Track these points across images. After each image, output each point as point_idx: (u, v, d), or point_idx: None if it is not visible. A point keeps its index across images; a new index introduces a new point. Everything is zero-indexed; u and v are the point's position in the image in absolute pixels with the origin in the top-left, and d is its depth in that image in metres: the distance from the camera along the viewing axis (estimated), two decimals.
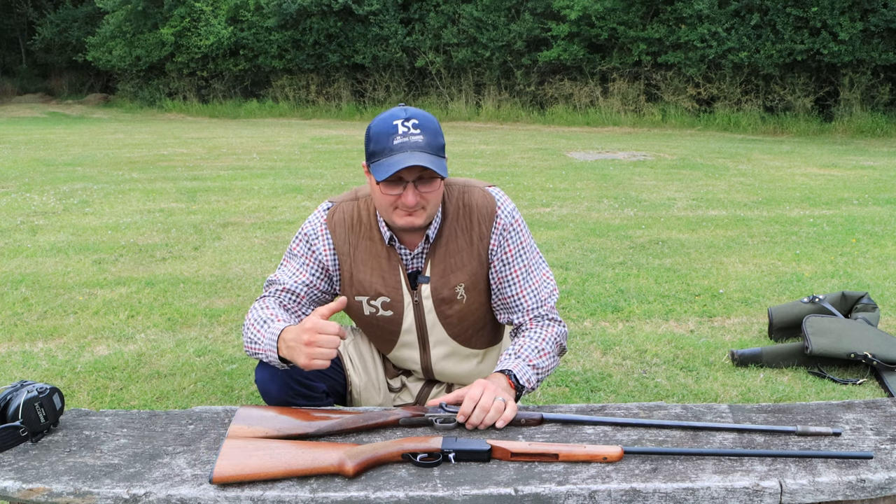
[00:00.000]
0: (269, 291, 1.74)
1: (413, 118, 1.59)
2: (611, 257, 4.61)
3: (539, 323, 1.74)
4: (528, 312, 1.74)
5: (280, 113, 16.76)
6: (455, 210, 1.73)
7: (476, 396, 1.48)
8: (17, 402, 1.43)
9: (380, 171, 1.56)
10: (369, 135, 1.62)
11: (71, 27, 20.60)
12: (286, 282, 1.74)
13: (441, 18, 15.19)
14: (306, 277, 1.74)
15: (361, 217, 1.75)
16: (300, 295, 1.74)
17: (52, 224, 5.66)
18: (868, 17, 11.75)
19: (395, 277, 1.73)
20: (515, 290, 1.74)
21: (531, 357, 1.65)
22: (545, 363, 1.67)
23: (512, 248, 1.74)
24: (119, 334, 3.38)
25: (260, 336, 1.60)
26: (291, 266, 1.76)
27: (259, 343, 1.60)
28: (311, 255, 1.75)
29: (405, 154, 1.55)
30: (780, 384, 2.83)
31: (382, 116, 1.62)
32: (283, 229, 5.46)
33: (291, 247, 1.78)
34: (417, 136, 1.58)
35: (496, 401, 1.48)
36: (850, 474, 1.27)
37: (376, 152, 1.59)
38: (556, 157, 9.40)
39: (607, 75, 14.23)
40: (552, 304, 1.76)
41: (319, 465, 1.31)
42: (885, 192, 6.82)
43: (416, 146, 1.57)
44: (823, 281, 4.09)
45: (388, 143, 1.57)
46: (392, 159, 1.56)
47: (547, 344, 1.69)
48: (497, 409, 1.47)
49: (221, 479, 1.27)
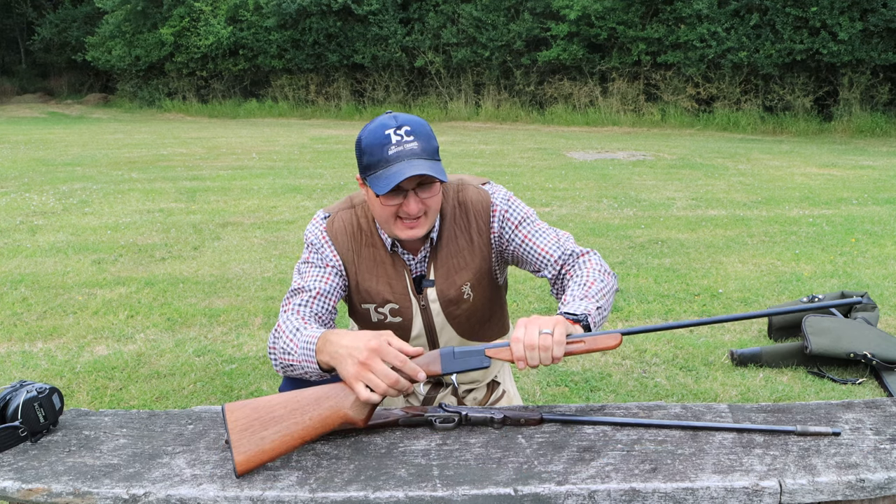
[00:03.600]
0: (301, 300, 1.63)
1: (404, 125, 1.56)
2: (610, 257, 4.61)
3: (574, 264, 1.67)
4: (557, 261, 1.68)
5: (279, 113, 16.76)
6: (452, 210, 1.73)
7: (520, 337, 1.36)
8: (16, 402, 1.43)
9: (379, 184, 1.53)
10: (361, 148, 1.58)
11: (70, 27, 20.61)
12: (316, 286, 1.65)
13: (440, 18, 15.19)
14: (332, 280, 1.69)
15: (361, 225, 1.73)
16: (333, 298, 1.67)
17: (51, 224, 5.65)
18: (867, 17, 11.76)
19: (401, 284, 1.72)
20: (534, 248, 1.70)
21: (580, 294, 1.53)
22: (598, 288, 1.56)
23: (515, 220, 1.72)
24: (118, 334, 3.38)
25: (293, 345, 1.48)
26: (313, 273, 1.70)
27: (292, 353, 1.48)
28: (325, 260, 1.72)
29: (402, 164, 1.53)
30: (779, 384, 2.83)
31: (371, 128, 1.58)
32: (283, 229, 5.46)
33: (305, 257, 1.73)
34: (412, 143, 1.55)
35: (541, 335, 1.35)
36: (850, 474, 1.27)
37: (372, 165, 1.56)
38: (555, 157, 9.40)
39: (607, 75, 14.23)
40: (572, 241, 1.72)
41: (331, 424, 1.34)
42: (884, 192, 6.82)
43: (413, 153, 1.54)
44: (823, 281, 4.09)
45: (383, 155, 1.54)
46: (390, 170, 1.53)
47: (593, 274, 1.60)
48: (544, 345, 1.35)
49: (246, 469, 1.29)
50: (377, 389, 1.31)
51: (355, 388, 1.32)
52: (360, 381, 1.32)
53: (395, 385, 1.33)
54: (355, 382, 1.32)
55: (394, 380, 1.32)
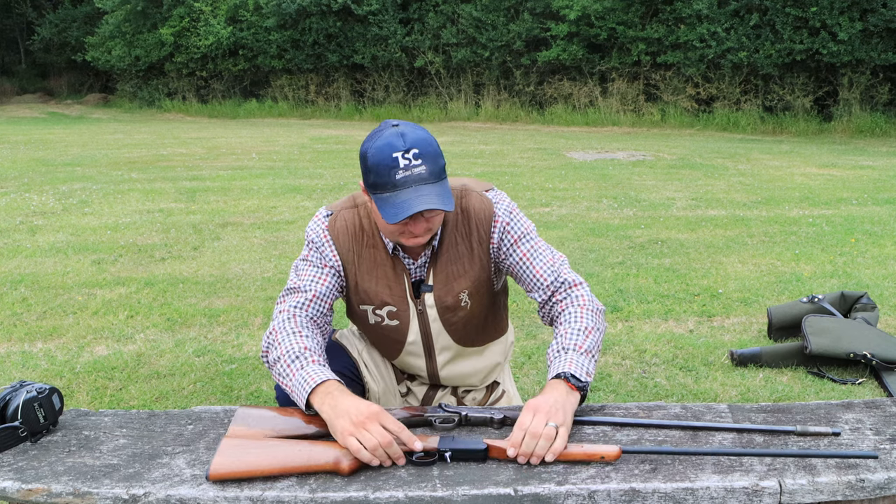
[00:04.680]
0: (297, 302, 1.65)
1: (412, 147, 1.52)
2: (610, 257, 4.61)
3: (566, 296, 1.67)
4: (549, 287, 1.69)
5: (279, 113, 16.76)
6: (454, 216, 1.72)
7: (525, 424, 1.35)
8: (16, 402, 1.43)
9: (387, 211, 1.52)
10: (367, 164, 1.55)
11: (70, 27, 20.61)
12: (314, 288, 1.67)
13: (440, 18, 15.19)
14: (329, 281, 1.70)
15: (363, 226, 1.72)
16: (328, 301, 1.69)
17: (51, 224, 5.65)
18: (867, 17, 11.76)
19: (400, 287, 1.72)
20: (530, 268, 1.70)
21: (579, 343, 1.54)
22: (594, 339, 1.57)
23: (515, 235, 1.72)
24: (118, 334, 3.38)
25: (290, 371, 1.50)
26: (310, 273, 1.70)
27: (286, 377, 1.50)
28: (324, 260, 1.71)
29: (410, 191, 1.51)
30: (779, 384, 2.83)
31: (379, 146, 1.53)
32: (283, 229, 5.46)
33: (304, 254, 1.74)
34: (420, 168, 1.52)
35: (547, 427, 1.34)
36: (850, 474, 1.27)
37: (379, 185, 1.54)
38: (555, 157, 9.41)
39: (606, 75, 14.23)
40: (567, 267, 1.72)
41: (315, 462, 1.31)
42: (884, 192, 6.82)
43: (420, 178, 1.52)
44: (823, 281, 4.09)
45: (390, 178, 1.52)
46: (398, 198, 1.51)
47: (588, 319, 1.59)
48: (547, 436, 1.33)
49: (218, 476, 1.28)
50: (368, 445, 1.31)
51: (347, 442, 1.32)
52: (353, 436, 1.32)
53: (389, 447, 1.32)
54: (347, 437, 1.32)
55: (388, 441, 1.32)
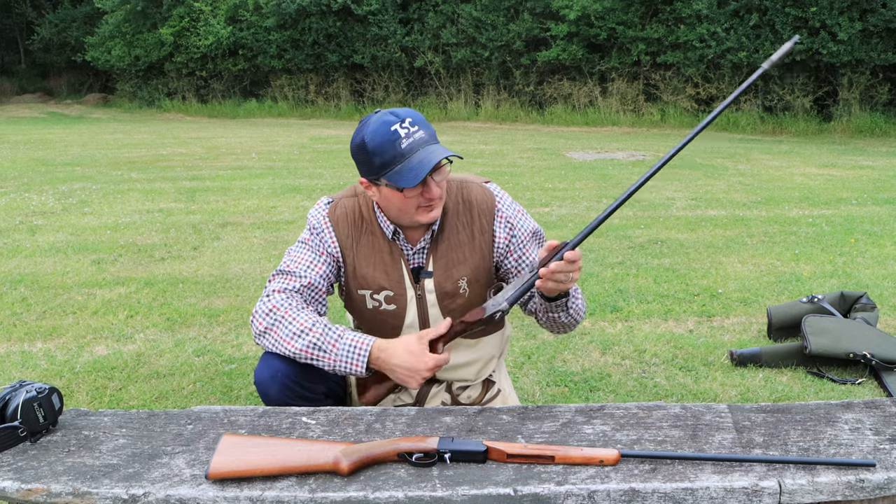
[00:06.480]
0: (291, 285, 1.69)
1: (406, 117, 1.60)
2: (610, 257, 4.62)
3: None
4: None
5: (279, 113, 16.75)
6: (455, 205, 1.76)
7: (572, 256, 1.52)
8: (15, 402, 1.43)
9: (406, 177, 1.56)
10: (368, 150, 1.60)
11: (70, 27, 20.59)
12: (307, 275, 1.71)
13: (440, 18, 15.19)
14: (323, 270, 1.74)
15: (363, 213, 1.77)
16: (321, 290, 1.74)
17: (50, 224, 5.65)
18: (867, 17, 11.76)
19: (397, 272, 1.75)
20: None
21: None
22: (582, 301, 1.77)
23: (525, 234, 1.79)
24: (118, 334, 3.38)
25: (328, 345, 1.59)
26: (306, 257, 1.74)
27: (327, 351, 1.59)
28: (323, 246, 1.76)
29: (421, 153, 1.58)
30: (779, 384, 2.83)
31: (373, 129, 1.59)
32: (283, 229, 5.46)
33: (304, 237, 1.78)
34: (419, 133, 1.60)
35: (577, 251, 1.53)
36: (850, 474, 1.27)
37: (387, 163, 1.58)
38: (555, 157, 9.41)
39: (606, 75, 14.23)
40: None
41: (315, 462, 1.31)
42: (883, 192, 6.82)
43: (424, 141, 1.60)
44: (822, 281, 4.09)
45: (397, 150, 1.57)
46: (412, 162, 1.56)
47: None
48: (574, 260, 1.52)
49: (217, 476, 1.28)
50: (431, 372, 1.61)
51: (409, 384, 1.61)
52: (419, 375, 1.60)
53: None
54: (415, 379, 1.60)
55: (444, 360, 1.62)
